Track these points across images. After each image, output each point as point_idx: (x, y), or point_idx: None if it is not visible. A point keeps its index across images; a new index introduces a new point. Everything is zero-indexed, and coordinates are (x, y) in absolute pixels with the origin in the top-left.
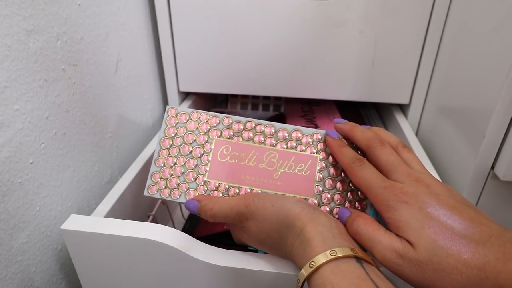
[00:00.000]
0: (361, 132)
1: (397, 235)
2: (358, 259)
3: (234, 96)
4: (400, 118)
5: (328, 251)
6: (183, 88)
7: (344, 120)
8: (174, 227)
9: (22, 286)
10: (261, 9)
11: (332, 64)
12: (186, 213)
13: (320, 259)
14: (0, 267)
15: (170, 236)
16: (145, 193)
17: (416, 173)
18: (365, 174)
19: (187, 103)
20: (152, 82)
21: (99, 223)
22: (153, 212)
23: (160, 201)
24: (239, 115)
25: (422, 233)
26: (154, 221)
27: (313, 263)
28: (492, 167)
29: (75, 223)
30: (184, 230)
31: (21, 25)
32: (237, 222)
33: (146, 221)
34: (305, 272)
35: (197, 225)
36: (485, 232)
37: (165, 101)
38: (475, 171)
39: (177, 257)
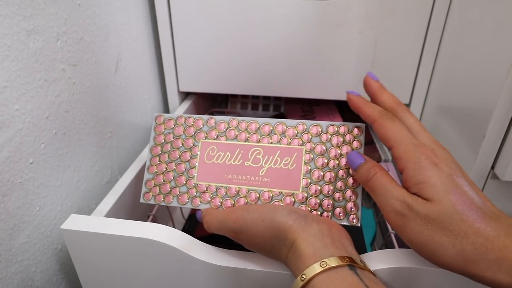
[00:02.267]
0: (390, 95)
1: (413, 193)
2: (351, 266)
3: (234, 96)
4: None
5: (319, 263)
6: (183, 88)
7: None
8: (174, 227)
9: (22, 286)
10: (261, 9)
11: (332, 64)
12: (186, 213)
13: (311, 271)
14: (0, 267)
15: (170, 236)
16: (141, 200)
17: (438, 141)
18: (396, 127)
19: (187, 103)
20: (152, 82)
21: (99, 223)
22: (153, 212)
23: None
24: (239, 115)
25: (444, 199)
26: (154, 221)
27: (304, 276)
28: (492, 167)
29: (75, 223)
30: (184, 230)
31: (21, 25)
32: (229, 236)
33: (146, 221)
34: (297, 285)
35: (197, 225)
36: (496, 211)
37: (165, 101)
38: (475, 171)
39: (177, 257)
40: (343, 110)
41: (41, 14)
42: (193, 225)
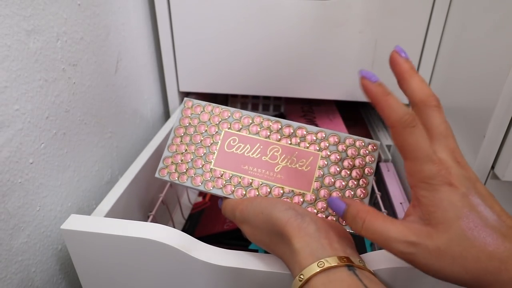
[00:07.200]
0: (421, 82)
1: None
2: (349, 266)
3: (234, 96)
4: None
5: (316, 263)
6: (183, 88)
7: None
8: (174, 227)
9: (22, 286)
10: (261, 9)
11: (332, 64)
12: (186, 213)
13: (309, 271)
14: (0, 267)
15: (170, 236)
16: (156, 175)
17: (457, 150)
18: (417, 141)
19: None
20: (152, 82)
21: (99, 223)
22: (153, 212)
23: (160, 201)
24: None
25: (454, 225)
26: (154, 221)
27: (302, 276)
28: (492, 167)
29: (75, 223)
30: (184, 230)
31: (21, 25)
32: (237, 225)
33: (146, 221)
34: (296, 285)
35: (197, 225)
36: (511, 226)
37: (165, 101)
38: (475, 171)
39: (177, 257)
40: (343, 110)
41: (41, 14)
42: (193, 225)
